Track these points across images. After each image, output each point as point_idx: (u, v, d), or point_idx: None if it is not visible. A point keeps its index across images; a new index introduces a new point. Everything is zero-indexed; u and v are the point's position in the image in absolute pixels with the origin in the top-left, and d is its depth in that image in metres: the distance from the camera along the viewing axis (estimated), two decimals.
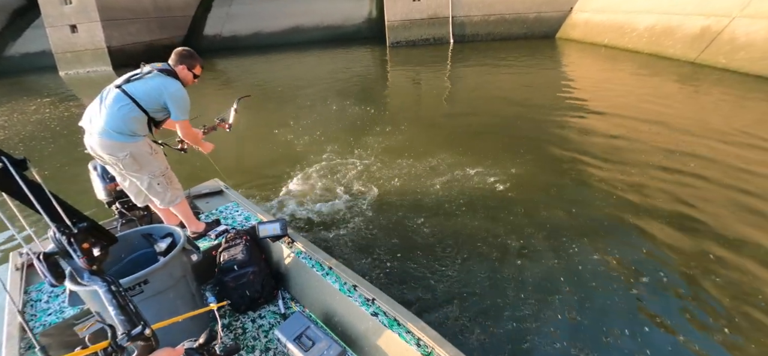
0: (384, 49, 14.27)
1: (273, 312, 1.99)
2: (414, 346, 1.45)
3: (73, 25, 13.89)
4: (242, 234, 2.07)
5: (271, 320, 1.94)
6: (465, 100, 7.41)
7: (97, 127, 1.93)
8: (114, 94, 1.95)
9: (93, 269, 0.68)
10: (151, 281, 1.51)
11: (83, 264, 0.67)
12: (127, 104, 1.94)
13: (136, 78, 2.00)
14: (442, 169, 4.18)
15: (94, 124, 1.95)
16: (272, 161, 4.61)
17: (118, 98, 1.94)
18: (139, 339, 0.63)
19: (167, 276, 1.58)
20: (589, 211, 3.24)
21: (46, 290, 1.93)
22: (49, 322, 1.72)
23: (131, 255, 1.71)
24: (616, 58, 9.86)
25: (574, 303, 2.29)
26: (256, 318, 1.97)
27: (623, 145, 4.50)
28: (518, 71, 9.30)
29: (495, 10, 14.34)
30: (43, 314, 1.78)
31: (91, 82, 12.35)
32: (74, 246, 0.67)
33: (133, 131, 1.97)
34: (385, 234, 3.07)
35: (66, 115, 8.00)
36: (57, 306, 1.83)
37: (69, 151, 5.73)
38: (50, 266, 0.68)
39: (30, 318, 1.75)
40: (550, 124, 5.42)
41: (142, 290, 1.50)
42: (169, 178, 2.16)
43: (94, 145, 1.97)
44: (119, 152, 1.95)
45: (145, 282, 1.49)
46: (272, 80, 10.52)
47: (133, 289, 1.47)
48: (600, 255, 2.69)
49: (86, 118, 2.00)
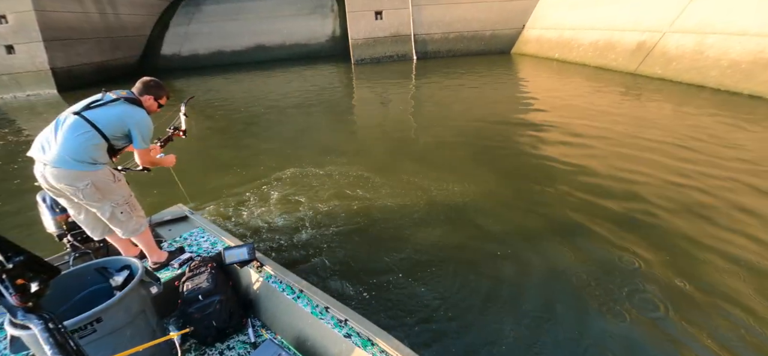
0: (349, 67, 14.43)
1: (242, 342, 1.90)
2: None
3: (9, 45, 12.83)
4: (208, 262, 1.97)
5: (241, 350, 1.85)
6: (429, 115, 7.64)
7: (51, 157, 1.79)
8: (72, 121, 1.83)
9: (28, 306, 0.64)
10: (105, 319, 1.40)
11: (16, 302, 0.63)
12: (87, 131, 1.82)
13: (98, 104, 1.90)
14: (409, 183, 4.24)
15: (49, 154, 1.80)
16: (237, 183, 4.46)
17: (78, 125, 1.82)
18: None
19: (124, 311, 1.47)
20: (549, 215, 3.41)
21: None
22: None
23: (83, 291, 1.58)
24: (566, 71, 10.63)
25: (548, 311, 2.37)
26: (225, 349, 1.86)
27: (576, 151, 4.83)
28: (478, 85, 9.79)
29: (454, 28, 15.05)
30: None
31: (31, 107, 11.39)
32: (6, 283, 0.62)
33: (93, 159, 1.85)
34: (356, 252, 3.05)
35: (0, 143, 7.31)
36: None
37: (5, 182, 5.22)
38: None
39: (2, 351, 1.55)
40: (509, 135, 5.74)
41: (94, 329, 1.39)
42: (133, 205, 2.04)
43: (48, 176, 1.82)
44: (79, 182, 1.82)
45: (98, 321, 1.38)
46: (236, 99, 10.26)
47: (84, 329, 1.36)
48: (568, 258, 2.83)
49: (37, 146, 1.85)
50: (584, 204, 3.53)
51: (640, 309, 2.29)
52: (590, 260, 2.77)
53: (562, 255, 2.85)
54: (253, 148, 5.95)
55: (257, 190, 4.23)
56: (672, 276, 2.53)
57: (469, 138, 5.74)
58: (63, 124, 1.84)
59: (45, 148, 1.83)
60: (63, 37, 13.59)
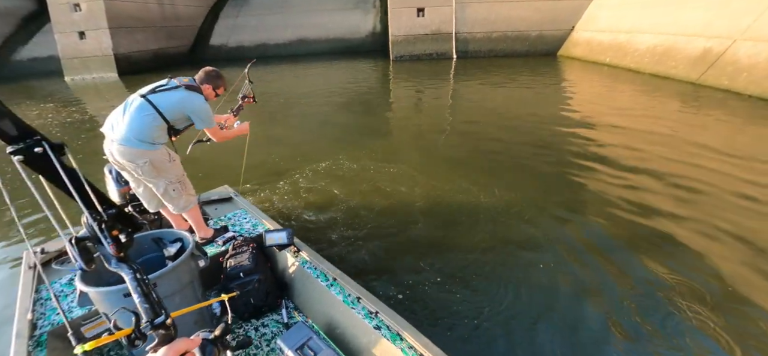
0: (387, 63, 14.48)
1: (276, 321, 2.01)
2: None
3: (81, 31, 14.17)
4: (249, 242, 2.10)
5: (274, 329, 1.96)
6: (467, 116, 7.49)
7: (118, 135, 2.00)
8: (138, 103, 2.03)
9: (120, 256, 0.70)
10: (160, 284, 1.54)
11: (112, 251, 0.69)
12: (150, 113, 2.02)
13: (162, 89, 2.09)
14: (443, 184, 4.22)
15: (116, 131, 2.02)
16: (278, 171, 4.66)
17: (143, 107, 2.02)
18: (161, 328, 0.64)
19: (175, 280, 1.61)
20: (592, 230, 3.26)
21: (56, 290, 1.95)
22: (57, 322, 1.75)
23: (140, 257, 1.75)
24: (617, 77, 10.00)
25: (592, 323, 2.29)
26: (259, 326, 1.98)
27: (624, 162, 4.53)
28: (520, 88, 9.43)
29: (498, 27, 14.63)
30: (52, 313, 1.81)
31: (96, 89, 12.52)
32: (105, 233, 0.69)
33: (153, 140, 2.05)
34: (388, 247, 3.09)
35: (68, 120, 8.09)
36: (65, 306, 1.85)
37: (72, 155, 5.80)
38: (81, 250, 0.69)
39: (39, 317, 1.78)
40: (552, 141, 5.48)
41: None
42: (184, 184, 2.23)
43: (114, 152, 2.04)
44: (139, 159, 2.03)
45: (154, 286, 1.53)
46: (277, 91, 10.66)
47: None
48: (608, 273, 2.70)
49: (108, 124, 2.07)
50: (630, 223, 3.32)
51: (696, 343, 2.13)
52: (635, 282, 2.62)
53: (603, 273, 2.71)
54: (290, 138, 6.17)
55: (294, 179, 4.40)
56: (729, 308, 2.34)
57: (509, 142, 5.57)
58: (130, 105, 2.05)
59: (114, 126, 2.04)
60: (125, 25, 14.80)
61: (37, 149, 0.61)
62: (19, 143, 0.60)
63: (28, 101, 10.59)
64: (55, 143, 0.65)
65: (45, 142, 0.63)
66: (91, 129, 7.37)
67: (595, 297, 2.50)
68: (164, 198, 2.18)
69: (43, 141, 0.63)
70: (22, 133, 0.61)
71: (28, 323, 1.67)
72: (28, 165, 0.63)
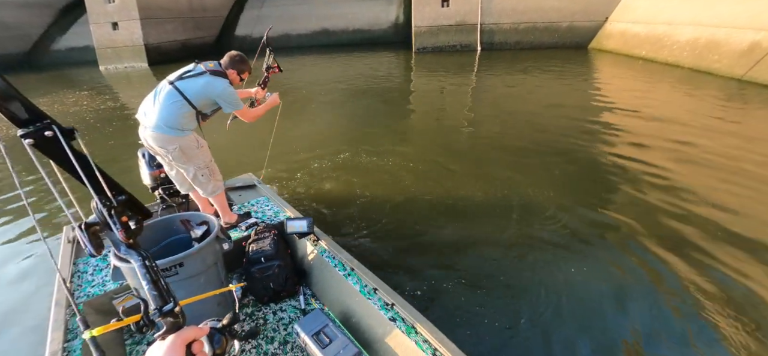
0: (410, 55, 14.37)
1: (294, 306, 2.07)
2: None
3: (114, 22, 14.82)
4: (271, 229, 2.17)
5: (291, 314, 2.02)
6: (491, 110, 7.31)
7: (150, 121, 2.10)
8: (167, 90, 2.12)
9: (130, 242, 0.70)
10: (186, 264, 1.62)
11: (121, 237, 0.69)
12: (178, 100, 2.10)
13: (188, 75, 2.16)
14: (468, 179, 4.18)
15: (148, 118, 2.12)
16: (299, 161, 4.75)
17: (171, 94, 2.11)
18: (169, 315, 0.64)
19: (201, 261, 1.69)
20: (621, 236, 3.08)
21: (92, 263, 2.09)
22: (92, 294, 1.87)
23: (169, 238, 1.84)
24: (654, 72, 9.52)
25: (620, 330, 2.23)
26: (278, 310, 2.05)
27: (660, 163, 4.30)
28: (548, 82, 9.13)
29: (526, 18, 14.19)
30: (88, 285, 1.94)
31: (128, 77, 13.10)
32: (114, 219, 0.69)
33: (182, 126, 2.14)
34: (408, 240, 3.11)
35: (102, 107, 8.51)
36: (100, 279, 1.98)
37: (101, 142, 6.11)
38: (91, 236, 0.70)
39: (76, 289, 1.91)
40: (581, 139, 5.24)
41: (177, 272, 1.61)
42: (212, 170, 2.33)
43: (148, 138, 2.15)
44: (169, 145, 2.13)
45: (180, 265, 1.61)
46: (299, 82, 10.81)
47: (169, 270, 1.58)
48: (642, 278, 2.60)
49: (141, 111, 2.18)
50: (667, 227, 3.13)
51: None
52: (665, 289, 2.52)
53: (637, 278, 2.60)
54: (311, 129, 6.26)
55: (314, 169, 4.48)
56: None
57: (535, 138, 5.40)
58: (160, 93, 2.13)
59: (146, 113, 2.14)
60: (155, 16, 15.35)
61: (47, 133, 0.62)
62: (29, 127, 0.60)
63: (65, 89, 11.20)
64: (65, 128, 0.65)
65: (55, 126, 0.63)
66: (122, 117, 7.74)
67: (629, 302, 2.41)
68: (194, 182, 2.29)
69: (53, 125, 0.63)
70: (32, 117, 0.61)
71: (66, 293, 1.80)
72: (39, 149, 0.63)
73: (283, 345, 1.82)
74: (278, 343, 1.83)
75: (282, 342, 1.83)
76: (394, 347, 1.59)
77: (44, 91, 10.93)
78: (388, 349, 1.62)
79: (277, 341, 1.84)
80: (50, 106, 8.85)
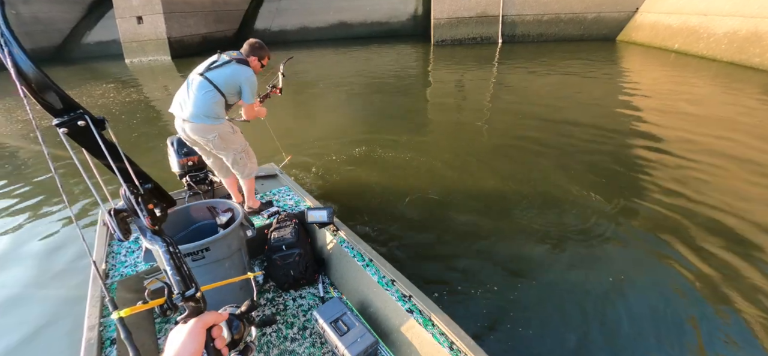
0: (428, 47, 14.27)
1: (313, 294, 2.13)
2: (446, 348, 1.47)
3: (139, 16, 15.34)
4: (292, 218, 2.24)
5: (310, 301, 2.08)
6: (511, 105, 7.17)
7: (188, 113, 2.20)
8: (198, 81, 2.21)
9: (155, 229, 0.73)
10: (212, 249, 1.71)
11: (147, 224, 0.72)
12: (210, 90, 2.19)
13: (215, 66, 2.24)
14: (486, 175, 4.15)
15: (185, 110, 2.21)
16: (318, 152, 4.83)
17: (203, 85, 2.20)
18: (191, 300, 0.67)
19: (226, 246, 1.77)
20: (646, 247, 2.92)
21: (125, 245, 2.22)
22: (125, 273, 1.99)
23: (196, 223, 1.93)
24: (687, 66, 9.11)
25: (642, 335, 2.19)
26: (297, 297, 2.12)
27: (693, 173, 3.97)
28: (572, 76, 8.86)
29: (550, 9, 13.84)
30: (121, 266, 2.06)
31: (152, 70, 13.55)
32: (141, 206, 0.72)
33: (217, 114, 2.24)
34: (426, 233, 3.13)
35: (127, 100, 8.85)
36: (132, 260, 2.10)
37: (126, 133, 6.37)
38: (119, 222, 0.73)
39: (110, 268, 2.04)
40: (607, 137, 5.02)
41: (203, 256, 1.70)
42: (248, 153, 2.45)
43: (186, 129, 2.25)
44: (209, 134, 2.23)
45: (207, 249, 1.69)
46: (317, 75, 10.93)
47: (197, 254, 1.67)
48: (676, 284, 2.53)
49: (176, 104, 2.27)
50: (703, 238, 2.93)
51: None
52: (717, 292, 2.45)
53: (666, 286, 2.51)
54: (330, 122, 6.34)
55: (333, 161, 4.55)
56: None
57: (557, 134, 5.25)
58: (192, 84, 2.23)
59: (182, 106, 2.24)
60: (178, 10, 15.79)
61: (80, 122, 0.65)
62: (63, 116, 0.63)
63: (93, 82, 11.71)
64: (97, 118, 0.67)
65: (87, 116, 0.65)
66: (145, 109, 8.04)
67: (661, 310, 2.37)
68: (233, 167, 2.40)
69: (86, 115, 0.65)
70: (66, 107, 0.64)
71: (102, 271, 1.92)
72: (72, 137, 0.66)
73: (302, 331, 1.88)
74: (297, 328, 1.90)
75: (301, 328, 1.90)
76: (410, 338, 1.62)
77: (74, 84, 11.45)
78: (404, 340, 1.65)
79: (296, 326, 1.91)
80: (79, 98, 9.24)
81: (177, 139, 2.54)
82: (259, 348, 1.80)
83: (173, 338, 0.62)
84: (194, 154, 2.57)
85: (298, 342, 1.82)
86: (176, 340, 0.62)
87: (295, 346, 1.81)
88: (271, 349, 1.79)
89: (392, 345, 1.72)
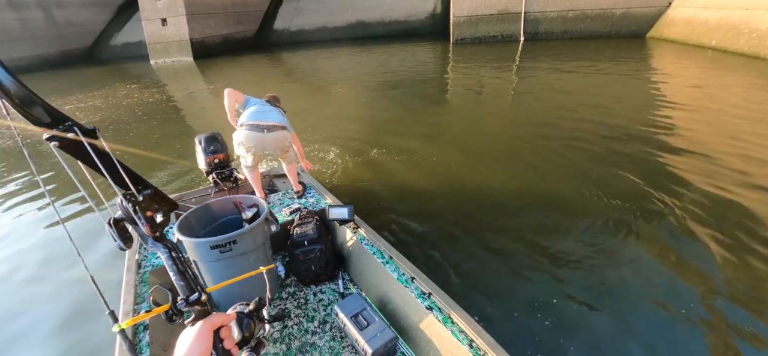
0: (447, 46, 14.22)
1: (333, 289, 2.21)
2: (466, 346, 1.49)
3: (163, 18, 15.98)
4: (313, 214, 2.33)
5: (331, 296, 2.16)
6: (533, 106, 7.05)
7: (272, 121, 2.66)
8: (267, 105, 2.79)
9: (156, 235, 0.72)
10: (239, 242, 1.81)
11: (146, 231, 0.71)
12: (281, 112, 2.88)
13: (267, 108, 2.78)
14: (504, 173, 4.15)
15: (267, 121, 2.65)
16: (338, 152, 4.94)
17: (273, 108, 2.81)
18: (196, 304, 0.66)
19: (252, 240, 1.87)
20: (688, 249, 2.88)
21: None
22: (156, 263, 2.13)
23: (223, 218, 2.05)
24: (726, 64, 8.71)
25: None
26: (318, 292, 2.20)
27: (732, 175, 3.77)
28: (599, 76, 8.59)
29: (575, 5, 13.53)
30: (152, 256, 2.20)
31: (175, 71, 14.09)
32: (139, 215, 0.71)
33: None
34: (444, 233, 3.17)
35: (149, 101, 9.16)
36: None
37: (148, 133, 6.67)
38: (119, 231, 0.72)
39: (143, 258, 2.18)
40: (636, 141, 4.79)
41: (230, 249, 1.80)
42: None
43: (267, 139, 2.62)
44: (287, 140, 2.73)
45: (234, 242, 1.79)
46: (335, 75, 11.08)
47: (225, 246, 1.77)
48: (713, 306, 2.50)
49: (251, 115, 2.64)
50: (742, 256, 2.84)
51: None
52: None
53: (701, 305, 2.48)
54: (349, 121, 6.43)
55: (353, 160, 4.64)
56: None
57: (583, 137, 5.10)
58: (261, 105, 2.74)
59: (263, 115, 2.65)
60: (200, 12, 16.36)
61: (70, 134, 0.65)
62: (53, 129, 0.64)
63: (118, 82, 12.24)
64: (87, 128, 0.68)
65: (77, 127, 0.66)
66: (166, 110, 8.30)
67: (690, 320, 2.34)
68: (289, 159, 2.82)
69: (75, 126, 0.66)
70: (54, 120, 0.65)
71: (135, 261, 2.06)
72: (65, 150, 0.66)
73: (322, 325, 1.96)
74: (318, 322, 1.97)
75: (321, 322, 1.97)
76: (429, 335, 1.65)
77: (101, 84, 12.03)
78: (423, 337, 1.68)
79: (316, 320, 1.99)
80: (104, 99, 9.73)
81: (204, 137, 2.69)
82: (281, 340, 1.89)
83: (181, 341, 0.63)
84: (221, 152, 2.71)
85: (318, 336, 1.90)
86: (184, 344, 0.62)
87: (315, 339, 1.88)
88: (293, 342, 1.88)
89: (411, 341, 1.75)
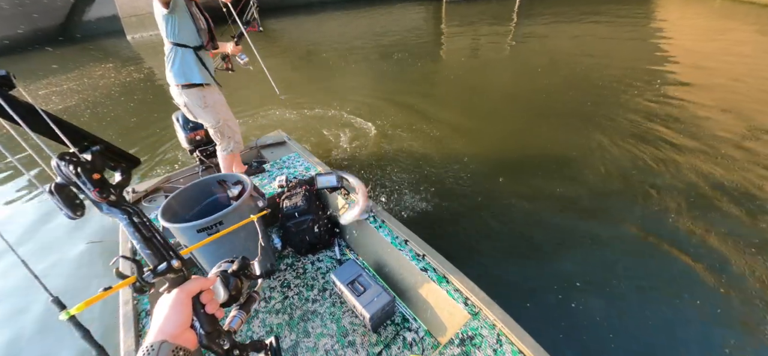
0: (440, 6, 13.78)
1: (330, 257, 2.24)
2: (461, 304, 1.56)
3: None
4: (302, 184, 2.31)
5: (328, 264, 2.20)
6: (533, 66, 6.88)
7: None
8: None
9: (110, 200, 0.62)
10: (226, 222, 1.79)
11: (95, 197, 0.61)
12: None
13: None
14: (500, 138, 4.13)
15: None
16: (328, 119, 4.88)
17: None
18: (168, 272, 0.60)
19: (238, 218, 1.85)
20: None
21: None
22: None
23: (209, 198, 2.02)
24: (735, 14, 8.50)
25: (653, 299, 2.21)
26: (315, 260, 2.23)
27: (737, 146, 3.68)
28: (602, 30, 8.43)
29: None
30: None
31: (154, 46, 13.62)
32: (82, 178, 0.59)
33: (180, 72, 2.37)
34: (438, 194, 3.19)
35: (127, 80, 8.68)
36: None
37: (126, 117, 6.50)
38: (65, 198, 0.60)
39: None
40: (641, 99, 4.68)
41: (218, 229, 1.79)
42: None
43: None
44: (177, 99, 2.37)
45: (220, 223, 1.78)
46: (323, 40, 10.77)
47: (211, 228, 1.76)
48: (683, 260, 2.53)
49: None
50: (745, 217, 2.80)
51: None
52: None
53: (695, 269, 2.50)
54: (338, 88, 6.31)
55: (343, 127, 4.60)
56: None
57: (585, 98, 5.03)
58: None
59: None
60: None
61: None
62: None
63: (92, 62, 11.69)
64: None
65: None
66: (146, 88, 7.93)
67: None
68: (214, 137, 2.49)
69: None
70: None
71: (129, 249, 2.06)
72: None
73: (321, 293, 2.01)
74: (318, 290, 2.02)
75: (321, 290, 2.03)
76: (425, 295, 1.72)
77: (75, 64, 11.55)
78: (419, 298, 1.75)
79: (316, 288, 2.04)
80: (78, 79, 9.19)
81: (181, 114, 2.59)
82: (283, 310, 1.93)
83: (157, 312, 0.58)
84: (201, 129, 2.63)
85: (319, 303, 1.95)
86: (159, 315, 0.57)
87: (316, 307, 1.94)
88: (295, 311, 1.93)
89: (409, 301, 1.83)
